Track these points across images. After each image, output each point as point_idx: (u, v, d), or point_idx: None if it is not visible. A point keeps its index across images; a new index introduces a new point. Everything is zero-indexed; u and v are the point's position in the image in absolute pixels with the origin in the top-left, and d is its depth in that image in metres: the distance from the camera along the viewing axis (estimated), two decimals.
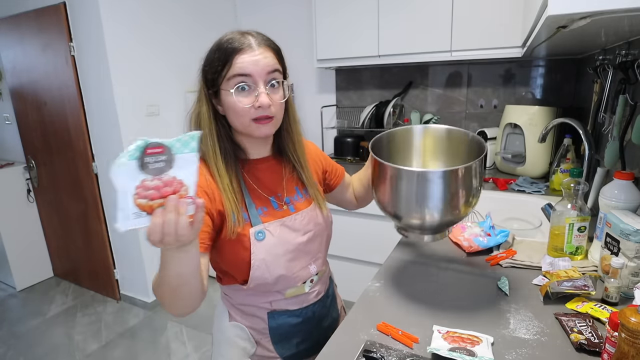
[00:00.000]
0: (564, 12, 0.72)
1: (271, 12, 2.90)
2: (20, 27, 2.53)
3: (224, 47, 0.72)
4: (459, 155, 0.89)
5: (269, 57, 0.73)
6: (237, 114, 0.74)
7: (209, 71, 0.75)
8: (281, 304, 0.85)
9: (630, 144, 1.14)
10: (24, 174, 2.92)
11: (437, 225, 0.79)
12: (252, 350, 0.86)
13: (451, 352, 0.66)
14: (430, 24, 2.08)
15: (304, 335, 0.88)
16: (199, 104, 0.78)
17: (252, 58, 0.71)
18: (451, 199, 0.75)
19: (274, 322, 0.85)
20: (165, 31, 2.52)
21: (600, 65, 1.45)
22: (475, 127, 2.37)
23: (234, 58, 0.71)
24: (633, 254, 0.82)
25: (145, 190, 0.49)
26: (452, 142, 0.92)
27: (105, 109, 2.32)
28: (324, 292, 0.92)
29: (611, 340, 0.61)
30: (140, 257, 2.52)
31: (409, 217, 0.79)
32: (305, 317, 0.87)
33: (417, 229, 0.82)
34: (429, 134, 0.94)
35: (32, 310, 2.64)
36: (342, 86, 2.79)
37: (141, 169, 0.49)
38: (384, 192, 0.81)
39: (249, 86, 0.72)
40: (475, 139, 0.86)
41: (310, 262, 0.86)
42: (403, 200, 0.78)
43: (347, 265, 2.28)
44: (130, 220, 0.49)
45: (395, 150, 0.94)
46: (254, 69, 0.71)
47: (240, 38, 0.73)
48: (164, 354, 2.15)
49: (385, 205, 0.83)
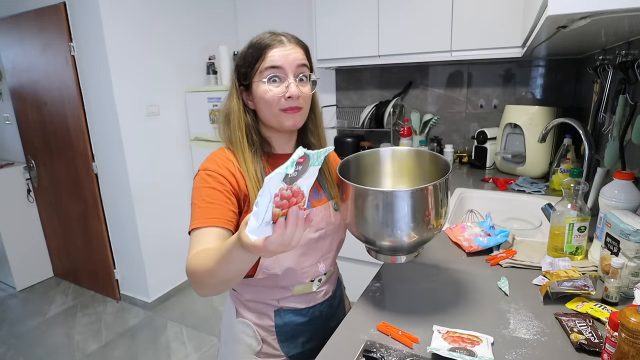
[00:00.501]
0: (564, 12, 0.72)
1: (271, 12, 2.90)
2: (20, 27, 2.53)
3: (257, 44, 0.78)
4: (426, 176, 0.90)
5: (299, 52, 0.79)
6: (267, 104, 0.77)
7: (242, 66, 0.80)
8: (289, 302, 0.86)
9: (630, 144, 1.14)
10: (24, 174, 2.92)
11: (408, 245, 0.80)
12: (257, 347, 0.87)
13: (451, 352, 0.66)
14: (430, 24, 2.08)
15: (310, 335, 0.89)
16: (230, 100, 0.82)
17: (283, 52, 0.76)
18: (421, 218, 0.75)
19: (281, 320, 0.86)
20: (165, 31, 2.52)
21: (600, 65, 1.45)
22: (475, 127, 2.37)
23: (266, 52, 0.76)
24: (633, 254, 0.82)
25: (281, 200, 0.49)
26: (420, 163, 0.92)
27: (105, 109, 2.32)
28: (331, 293, 0.93)
29: (611, 340, 0.61)
30: (140, 257, 2.52)
31: (380, 239, 0.79)
32: (312, 317, 0.89)
33: (389, 250, 0.83)
34: (396, 157, 0.95)
35: (32, 310, 2.64)
36: (342, 86, 2.79)
37: (284, 178, 0.48)
38: (352, 214, 0.79)
39: (279, 78, 0.77)
40: (440, 159, 0.87)
41: (320, 260, 0.87)
42: (373, 223, 0.77)
43: (348, 265, 2.28)
44: (262, 228, 0.49)
45: (363, 172, 0.94)
46: (285, 61, 0.76)
47: (271, 36, 0.78)
48: (164, 354, 2.15)
49: (354, 229, 0.81)
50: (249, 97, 0.81)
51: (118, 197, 2.48)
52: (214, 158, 0.80)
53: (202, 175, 0.77)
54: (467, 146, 2.45)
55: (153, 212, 2.54)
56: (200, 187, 0.76)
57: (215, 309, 2.57)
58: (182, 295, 2.76)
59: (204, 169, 0.79)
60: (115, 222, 2.58)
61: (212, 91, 2.55)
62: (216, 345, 2.20)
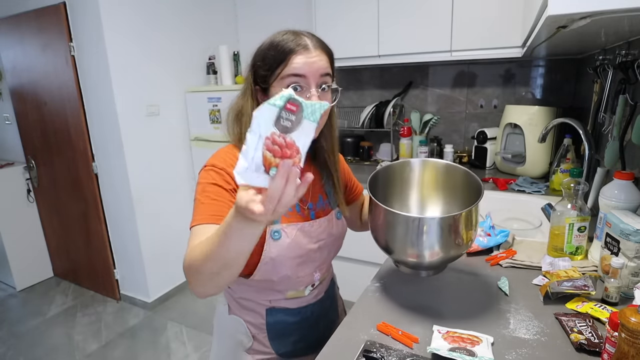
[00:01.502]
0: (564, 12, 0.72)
1: (271, 12, 2.90)
2: (20, 27, 2.53)
3: (279, 46, 0.72)
4: (457, 189, 0.91)
5: (323, 60, 0.74)
6: None
7: (261, 67, 0.75)
8: (280, 303, 0.86)
9: (630, 144, 1.14)
10: (24, 174, 2.92)
11: (435, 265, 0.84)
12: (248, 344, 0.87)
13: (451, 352, 0.66)
14: (430, 24, 2.08)
15: (300, 334, 0.89)
16: (244, 98, 0.78)
17: (307, 59, 0.71)
18: (450, 241, 0.77)
19: (272, 318, 0.86)
20: (165, 31, 2.52)
21: (600, 65, 1.45)
22: (475, 127, 2.37)
23: (289, 58, 0.71)
24: (633, 254, 0.82)
25: (272, 144, 0.46)
26: (449, 176, 0.93)
27: (105, 109, 2.32)
28: (323, 294, 0.93)
29: (611, 340, 0.61)
30: (140, 257, 2.52)
31: (406, 257, 0.82)
32: (303, 317, 0.88)
33: (413, 267, 0.86)
34: (428, 167, 0.96)
35: (32, 310, 2.64)
36: (342, 86, 2.73)
37: (275, 121, 0.46)
38: (381, 233, 0.84)
39: (301, 87, 0.72)
40: (471, 177, 0.87)
41: (316, 270, 0.87)
42: (399, 242, 0.81)
43: (347, 265, 2.28)
44: (251, 172, 0.46)
45: (392, 183, 0.95)
46: (309, 70, 0.71)
47: (296, 39, 0.73)
48: (164, 354, 2.15)
49: (382, 245, 0.86)
50: (264, 99, 0.79)
51: (118, 197, 2.48)
52: (222, 155, 0.78)
53: (208, 171, 0.75)
54: (467, 146, 2.45)
55: (153, 212, 2.54)
56: (205, 182, 0.74)
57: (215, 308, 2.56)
58: (182, 295, 2.76)
59: (210, 165, 0.76)
60: (115, 222, 2.58)
61: (212, 91, 2.55)
62: None
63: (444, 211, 0.95)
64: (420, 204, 0.99)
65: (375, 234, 0.85)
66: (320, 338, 0.80)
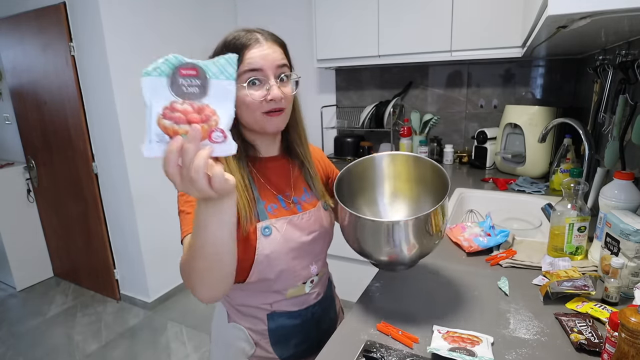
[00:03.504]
0: (564, 12, 0.72)
1: (271, 12, 2.91)
2: (20, 27, 2.53)
3: (231, 44, 0.72)
4: (427, 182, 0.91)
5: (277, 52, 0.74)
6: (248, 109, 0.73)
7: None
8: (282, 305, 0.85)
9: (630, 144, 1.14)
10: (24, 174, 2.92)
11: (409, 261, 0.83)
12: (250, 351, 0.86)
13: (451, 352, 0.66)
14: (430, 24, 2.08)
15: (302, 337, 0.88)
16: None
17: (261, 52, 0.71)
18: (422, 238, 0.77)
19: (274, 323, 0.85)
20: (165, 31, 2.52)
21: (600, 65, 1.45)
22: (475, 127, 2.37)
23: (243, 54, 0.71)
24: (633, 254, 0.82)
25: (172, 112, 0.44)
26: (418, 168, 0.93)
27: (105, 109, 2.32)
28: (323, 294, 0.93)
29: (611, 340, 0.61)
30: (140, 257, 2.52)
31: (379, 257, 0.81)
32: (304, 319, 0.88)
33: (387, 265, 0.86)
34: (394, 161, 0.96)
35: (32, 310, 2.64)
36: (342, 86, 2.79)
37: (172, 90, 0.44)
38: (352, 238, 0.82)
39: (259, 80, 0.72)
40: (439, 170, 0.87)
41: (312, 262, 0.86)
42: (373, 246, 0.80)
43: (347, 265, 2.28)
44: (153, 144, 0.44)
45: (359, 180, 0.95)
46: (264, 63, 0.71)
47: (246, 34, 0.73)
48: (164, 354, 2.15)
49: (354, 246, 0.84)
50: None
51: (118, 197, 2.48)
52: None
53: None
54: (467, 146, 2.45)
55: (153, 212, 2.54)
56: (183, 193, 0.71)
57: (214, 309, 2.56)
58: (182, 295, 2.76)
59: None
60: (115, 222, 2.58)
61: None
62: None
63: (414, 207, 0.96)
64: (390, 200, 0.98)
65: (345, 237, 0.84)
66: (321, 338, 0.80)
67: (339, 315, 1.04)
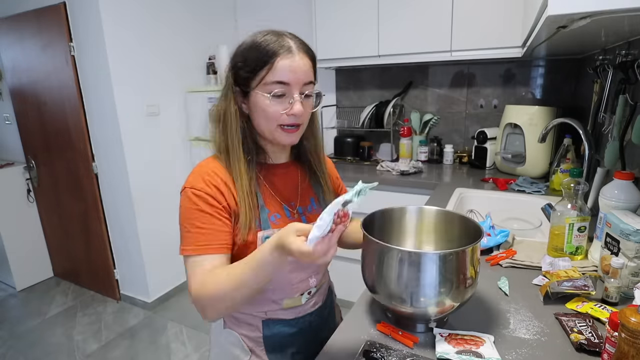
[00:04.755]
0: (564, 12, 0.73)
1: (271, 12, 2.90)
2: (20, 27, 2.53)
3: (261, 47, 0.70)
4: (454, 237, 0.86)
5: (307, 66, 0.73)
6: (267, 118, 0.73)
7: (243, 68, 0.73)
8: (277, 313, 0.83)
9: (630, 144, 1.14)
10: (24, 174, 2.92)
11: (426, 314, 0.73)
12: (245, 358, 0.84)
13: (459, 355, 0.66)
14: (430, 24, 2.08)
15: (299, 346, 0.86)
16: (226, 101, 0.76)
17: (292, 65, 0.70)
18: (444, 284, 0.69)
19: (269, 331, 0.83)
20: (165, 31, 2.52)
21: (600, 65, 1.45)
22: (475, 127, 2.37)
23: (274, 62, 0.69)
24: (633, 254, 0.82)
25: (337, 218, 0.58)
26: (447, 224, 0.88)
27: (105, 108, 2.32)
28: (321, 303, 0.91)
29: (611, 340, 0.61)
30: (140, 257, 2.52)
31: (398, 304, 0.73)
32: (301, 327, 0.86)
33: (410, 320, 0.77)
34: (424, 215, 0.91)
35: (32, 310, 2.64)
36: (342, 86, 2.79)
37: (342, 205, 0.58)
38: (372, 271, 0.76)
39: (284, 94, 0.71)
40: (471, 222, 0.82)
41: (312, 275, 0.85)
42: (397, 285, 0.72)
43: (347, 265, 2.28)
44: (322, 232, 0.57)
45: (391, 224, 0.91)
46: (293, 77, 0.70)
47: (278, 40, 0.71)
48: (164, 354, 2.15)
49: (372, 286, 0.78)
50: (244, 101, 0.76)
51: (118, 197, 2.48)
52: (201, 173, 0.75)
53: (189, 195, 0.72)
54: (467, 146, 2.45)
55: (153, 212, 2.54)
56: (187, 207, 0.72)
57: None
58: (182, 295, 2.76)
59: (190, 186, 0.73)
60: (115, 222, 2.58)
61: (212, 91, 2.55)
62: None
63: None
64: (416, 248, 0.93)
65: (368, 278, 0.78)
66: (319, 349, 0.78)
67: (339, 324, 1.03)
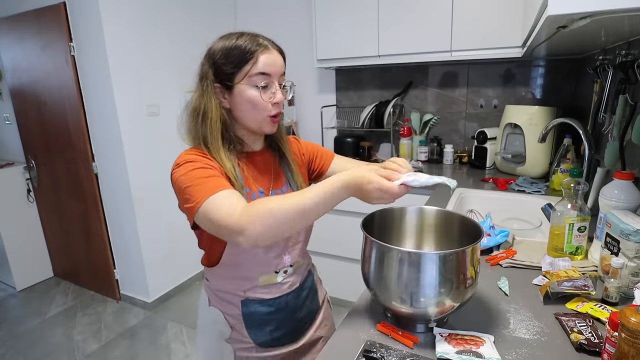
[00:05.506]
0: (564, 12, 0.73)
1: (271, 12, 2.90)
2: (20, 27, 2.53)
3: (244, 46, 0.78)
4: (454, 237, 0.86)
5: (281, 60, 0.83)
6: (256, 109, 0.80)
7: (225, 65, 0.79)
8: (255, 292, 0.88)
9: (630, 144, 1.14)
10: (24, 174, 2.92)
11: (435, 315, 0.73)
12: (228, 333, 0.91)
13: (459, 355, 0.66)
14: (430, 24, 2.08)
15: (277, 324, 0.91)
16: (205, 97, 0.81)
17: (271, 59, 0.80)
18: (443, 284, 0.69)
19: (247, 309, 0.89)
20: (165, 31, 2.52)
21: (600, 65, 1.45)
22: (475, 127, 2.37)
23: (257, 56, 0.78)
24: (633, 254, 0.82)
25: (419, 185, 0.72)
26: (447, 224, 0.88)
27: (105, 109, 2.32)
28: (298, 284, 0.94)
29: (611, 340, 0.61)
30: (140, 257, 2.52)
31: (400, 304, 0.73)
32: (277, 307, 0.90)
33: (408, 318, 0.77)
34: (424, 215, 0.91)
35: (32, 310, 2.64)
36: (342, 86, 2.79)
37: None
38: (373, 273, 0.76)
39: (267, 84, 0.80)
40: (471, 222, 0.83)
41: (285, 252, 0.89)
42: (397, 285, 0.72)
43: (347, 265, 2.28)
44: (406, 179, 0.71)
45: (391, 223, 0.91)
46: (273, 69, 0.80)
47: (256, 38, 0.80)
48: (164, 354, 2.15)
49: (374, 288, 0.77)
50: (225, 96, 0.82)
51: (118, 197, 2.48)
52: (189, 152, 0.80)
53: (183, 165, 0.76)
54: (467, 146, 2.45)
55: (153, 212, 2.54)
56: (186, 172, 0.75)
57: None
58: (182, 295, 2.76)
59: (183, 160, 0.78)
60: (115, 222, 2.58)
61: None
62: None
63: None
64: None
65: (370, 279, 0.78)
66: (298, 328, 0.82)
67: (324, 307, 1.05)
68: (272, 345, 0.92)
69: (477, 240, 0.72)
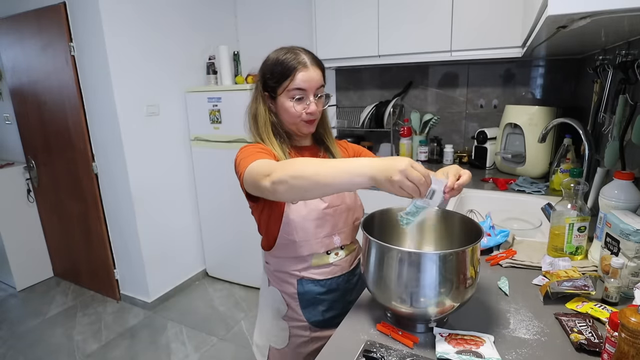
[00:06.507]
0: (564, 12, 0.72)
1: (271, 13, 2.90)
2: (20, 27, 2.53)
3: (284, 64, 0.93)
4: (454, 237, 0.86)
5: (319, 75, 0.96)
6: (290, 116, 0.96)
7: (270, 79, 0.96)
8: (309, 272, 1.00)
9: (630, 144, 1.14)
10: (24, 174, 2.92)
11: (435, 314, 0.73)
12: (284, 311, 1.03)
13: (459, 355, 0.66)
14: (430, 24, 2.08)
15: (328, 305, 1.02)
16: (257, 103, 1.00)
17: (308, 76, 0.93)
18: (443, 284, 0.69)
19: (302, 288, 1.01)
20: (165, 31, 2.52)
21: (600, 65, 1.45)
22: (475, 127, 2.37)
23: (295, 74, 0.93)
24: (633, 254, 0.82)
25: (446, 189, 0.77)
26: (447, 224, 0.88)
27: (105, 109, 2.32)
28: (348, 270, 1.05)
29: (611, 340, 0.61)
30: (140, 257, 2.52)
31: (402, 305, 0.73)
32: (329, 288, 1.02)
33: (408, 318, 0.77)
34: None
35: (32, 310, 2.64)
36: (342, 86, 2.79)
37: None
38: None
39: (302, 97, 0.95)
40: (471, 222, 0.83)
41: (335, 233, 1.00)
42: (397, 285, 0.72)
43: None
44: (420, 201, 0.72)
45: (392, 223, 0.90)
46: (309, 85, 0.94)
47: (296, 57, 0.93)
48: (164, 354, 2.15)
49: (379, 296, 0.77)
50: (272, 103, 0.99)
51: (118, 197, 2.48)
52: (251, 145, 0.95)
53: (248, 147, 0.92)
54: (467, 146, 2.45)
55: (153, 212, 2.54)
56: (241, 151, 0.91)
57: (215, 308, 2.57)
58: (182, 295, 2.76)
59: (249, 145, 0.94)
60: (115, 222, 2.58)
61: (212, 91, 2.55)
62: (216, 345, 2.21)
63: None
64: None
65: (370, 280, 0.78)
66: (347, 310, 0.87)
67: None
68: (324, 325, 1.02)
69: (477, 240, 0.72)
